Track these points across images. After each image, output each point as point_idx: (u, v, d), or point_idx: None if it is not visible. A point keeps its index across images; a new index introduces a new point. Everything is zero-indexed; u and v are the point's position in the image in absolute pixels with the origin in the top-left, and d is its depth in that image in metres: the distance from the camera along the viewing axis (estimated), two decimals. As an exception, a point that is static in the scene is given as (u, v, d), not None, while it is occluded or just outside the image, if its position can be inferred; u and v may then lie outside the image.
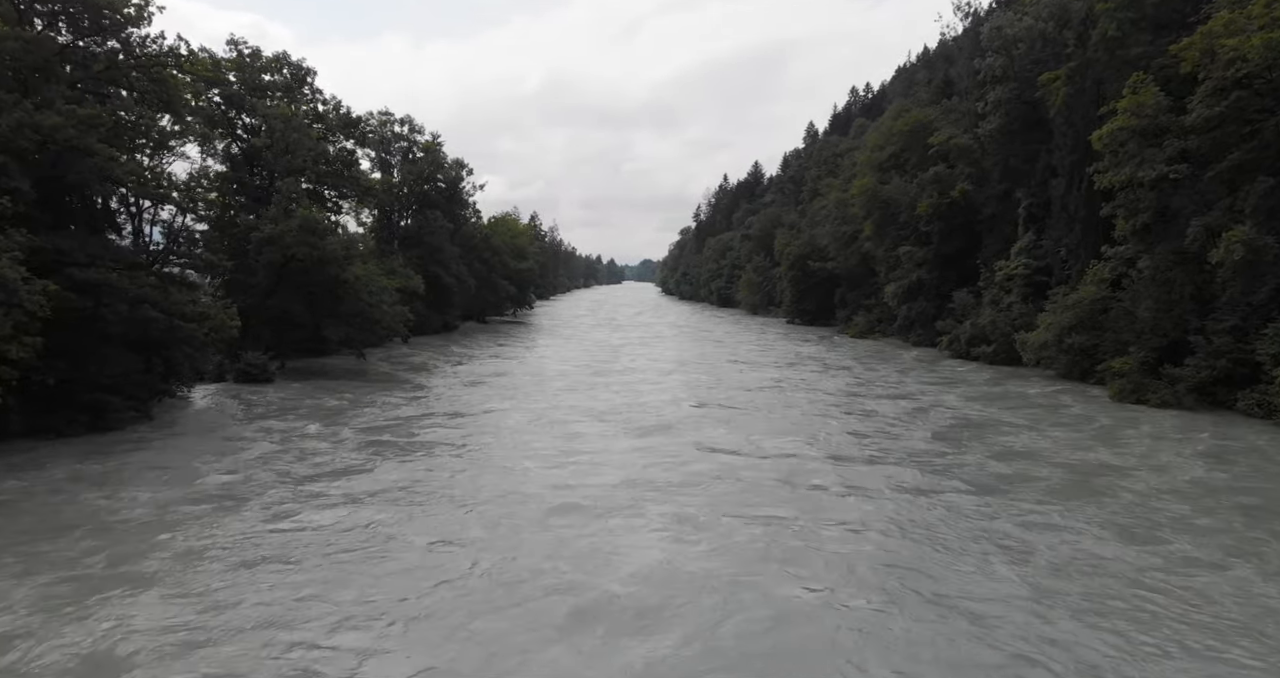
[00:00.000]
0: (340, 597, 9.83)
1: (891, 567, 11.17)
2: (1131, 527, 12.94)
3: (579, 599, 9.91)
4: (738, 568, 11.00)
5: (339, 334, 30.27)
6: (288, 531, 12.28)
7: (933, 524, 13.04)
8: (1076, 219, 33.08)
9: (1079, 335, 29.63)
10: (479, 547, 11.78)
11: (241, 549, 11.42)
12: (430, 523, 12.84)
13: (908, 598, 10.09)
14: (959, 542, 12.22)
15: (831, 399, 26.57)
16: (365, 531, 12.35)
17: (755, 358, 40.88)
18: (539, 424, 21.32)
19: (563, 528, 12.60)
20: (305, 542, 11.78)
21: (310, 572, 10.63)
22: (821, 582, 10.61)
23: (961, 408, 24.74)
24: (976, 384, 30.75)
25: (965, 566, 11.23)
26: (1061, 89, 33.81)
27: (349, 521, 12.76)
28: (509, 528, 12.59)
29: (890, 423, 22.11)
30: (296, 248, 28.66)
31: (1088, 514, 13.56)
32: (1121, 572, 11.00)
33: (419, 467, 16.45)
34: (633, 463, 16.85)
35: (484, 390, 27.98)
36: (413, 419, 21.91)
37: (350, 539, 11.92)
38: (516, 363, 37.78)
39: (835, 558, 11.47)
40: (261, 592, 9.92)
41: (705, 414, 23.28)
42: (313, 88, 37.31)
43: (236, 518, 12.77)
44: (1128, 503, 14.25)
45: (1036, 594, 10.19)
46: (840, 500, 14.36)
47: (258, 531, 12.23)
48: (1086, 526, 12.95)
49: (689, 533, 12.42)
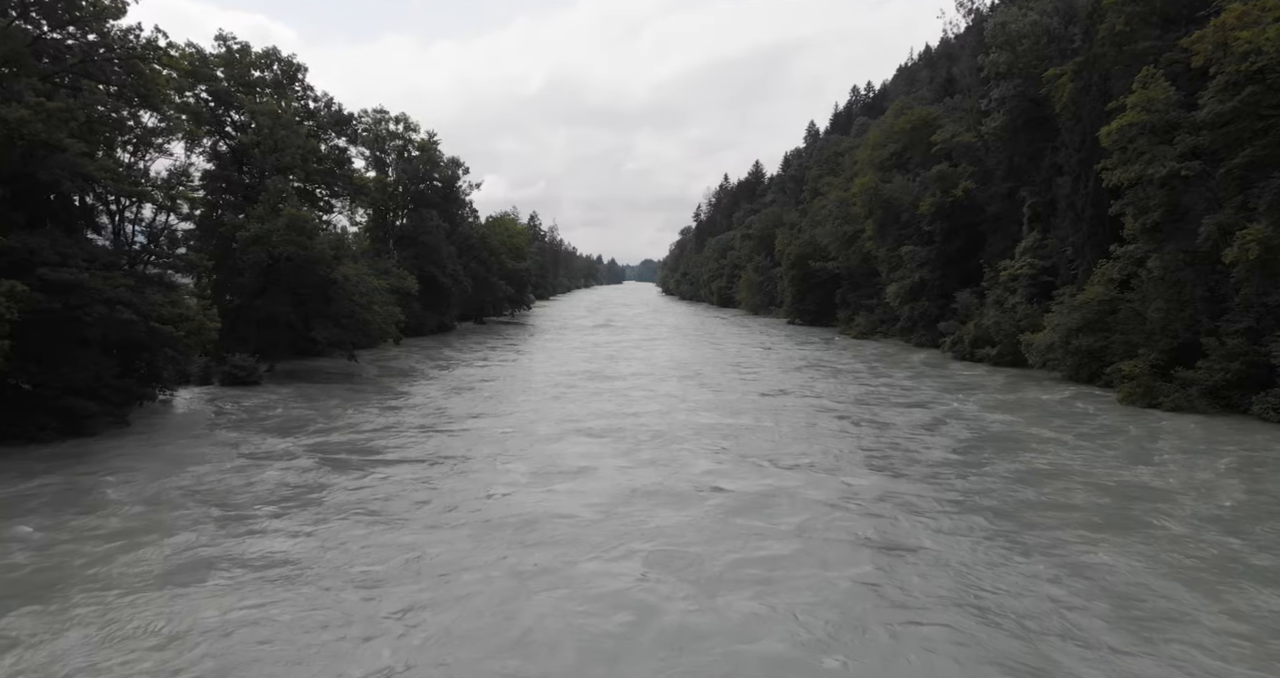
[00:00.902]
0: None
1: (931, 653, 8.74)
2: (1195, 571, 11.08)
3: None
4: (732, 637, 8.99)
5: (328, 335, 29.58)
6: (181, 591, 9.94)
7: (965, 573, 10.93)
8: (1083, 218, 32.34)
9: (1086, 337, 28.90)
10: (420, 608, 9.58)
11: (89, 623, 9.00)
12: (364, 573, 10.63)
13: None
14: (997, 603, 9.97)
15: (842, 410, 24.50)
16: (278, 594, 9.97)
17: (758, 362, 39.16)
18: (520, 441, 19.23)
19: (529, 578, 10.52)
20: (198, 596, 9.75)
21: (192, 648, 8.49)
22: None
23: (979, 418, 23.02)
24: (991, 390, 29.27)
25: (1015, 648, 8.85)
26: (1067, 85, 33.07)
27: (264, 572, 10.59)
28: (461, 583, 10.42)
29: (907, 437, 20.13)
30: (283, 247, 27.98)
31: (1139, 553, 11.72)
32: (1205, 641, 8.97)
33: (371, 495, 14.24)
34: (618, 490, 14.71)
35: (468, 399, 26.17)
36: (382, 433, 19.95)
37: (244, 615, 9.31)
38: (508, 368, 36.15)
39: (865, 641, 9.02)
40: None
41: (705, 428, 21.08)
42: (304, 84, 36.67)
43: (133, 557, 11.08)
44: (1177, 537, 12.49)
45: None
46: (855, 551, 11.83)
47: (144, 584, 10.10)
48: (1144, 570, 11.07)
49: (677, 594, 10.15)
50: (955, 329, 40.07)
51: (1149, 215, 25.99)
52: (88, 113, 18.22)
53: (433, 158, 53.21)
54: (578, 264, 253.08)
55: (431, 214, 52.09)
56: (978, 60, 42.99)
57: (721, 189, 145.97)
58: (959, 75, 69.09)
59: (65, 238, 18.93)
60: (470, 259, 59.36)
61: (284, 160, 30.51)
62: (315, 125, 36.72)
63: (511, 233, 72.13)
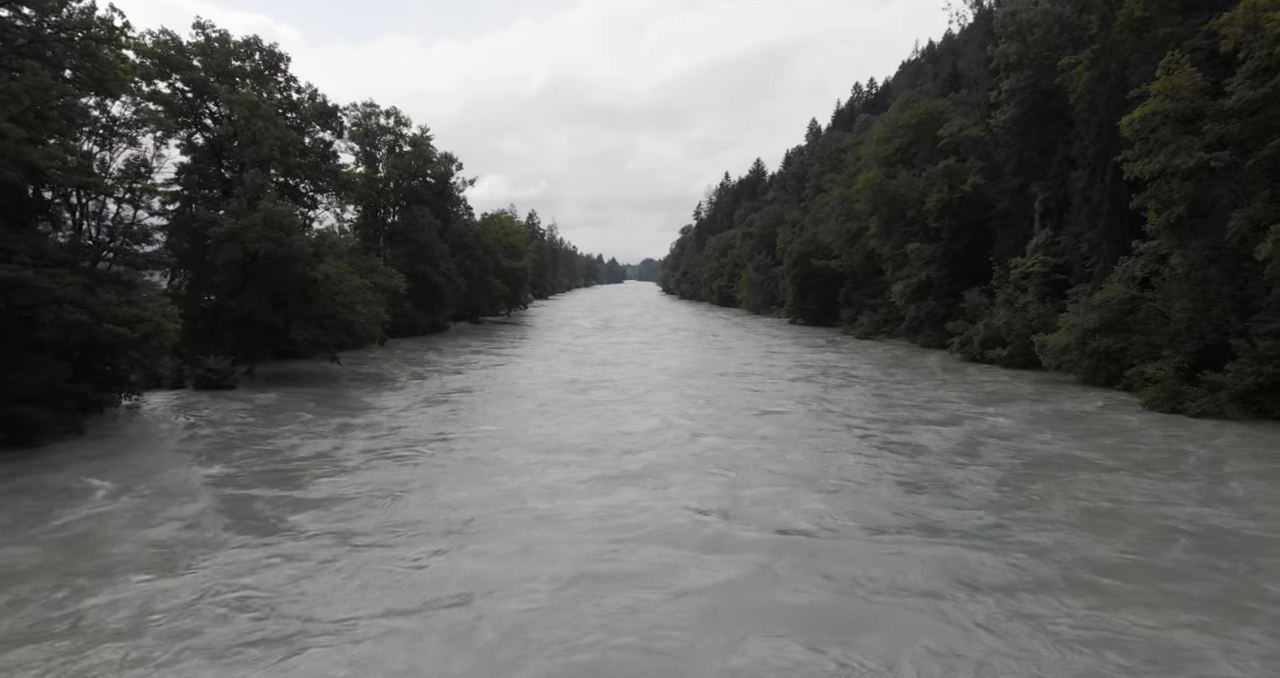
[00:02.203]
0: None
1: None
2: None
3: None
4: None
5: (307, 337, 28.16)
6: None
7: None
8: (1100, 213, 30.88)
9: (1104, 338, 27.45)
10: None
11: None
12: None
13: None
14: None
15: (863, 428, 21.42)
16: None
17: (763, 368, 36.05)
18: (478, 474, 16.04)
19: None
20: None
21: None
22: None
23: (1018, 436, 20.15)
24: (1022, 399, 26.37)
25: None
26: (1083, 74, 31.62)
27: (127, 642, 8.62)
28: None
29: (944, 465, 17.11)
30: (260, 244, 26.58)
31: (1256, 651, 8.68)
32: None
33: (253, 565, 10.95)
34: (578, 559, 11.35)
35: (437, 414, 23.18)
36: (323, 460, 16.99)
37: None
38: (492, 374, 33.42)
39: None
40: None
41: (705, 453, 18.06)
42: (287, 75, 35.28)
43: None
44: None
45: None
46: (899, 641, 8.97)
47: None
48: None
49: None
50: (964, 329, 38.60)
51: (1173, 209, 24.51)
52: (33, 97, 16.81)
53: (424, 153, 51.77)
54: (578, 263, 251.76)
55: (424, 211, 50.68)
56: (986, 51, 41.52)
57: (722, 187, 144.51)
58: (965, 69, 67.73)
59: (10, 233, 17.53)
60: (464, 258, 57.95)
61: (262, 153, 29.08)
62: (299, 118, 35.33)
63: (508, 231, 70.68)
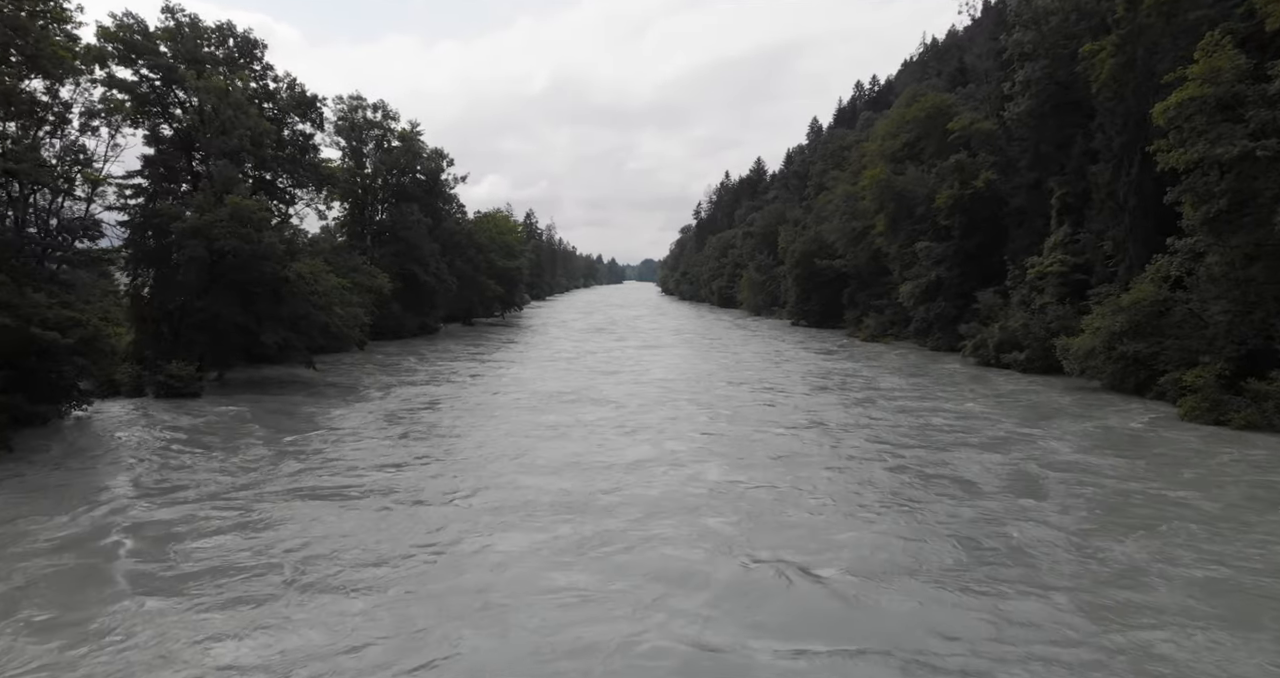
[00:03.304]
0: None
1: None
2: None
3: None
4: None
5: (278, 340, 26.26)
6: None
7: None
8: (1125, 208, 29.03)
9: (1134, 342, 25.58)
10: None
11: None
12: None
13: None
14: None
15: (896, 454, 18.10)
16: None
17: (772, 377, 32.72)
18: (416, 530, 12.36)
19: None
20: None
21: None
22: None
23: (1078, 466, 16.77)
24: (1063, 414, 23.31)
25: None
26: (1107, 62, 29.72)
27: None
28: None
29: (1004, 511, 13.65)
30: (226, 240, 24.70)
31: None
32: None
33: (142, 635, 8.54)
34: (548, 631, 8.92)
35: (394, 435, 19.92)
36: (243, 497, 13.90)
37: None
38: (472, 384, 29.92)
39: None
40: None
41: (708, 499, 14.35)
42: (263, 63, 33.39)
43: None
44: None
45: None
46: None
47: None
48: None
49: None
50: (978, 332, 36.71)
51: (1212, 203, 22.62)
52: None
53: (414, 149, 49.89)
54: (577, 264, 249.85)
55: (413, 208, 48.79)
56: (1000, 39, 39.65)
57: (723, 186, 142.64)
58: (972, 64, 66.01)
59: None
60: (456, 257, 56.07)
61: (231, 143, 27.19)
62: (275, 108, 33.45)
63: (502, 230, 68.78)
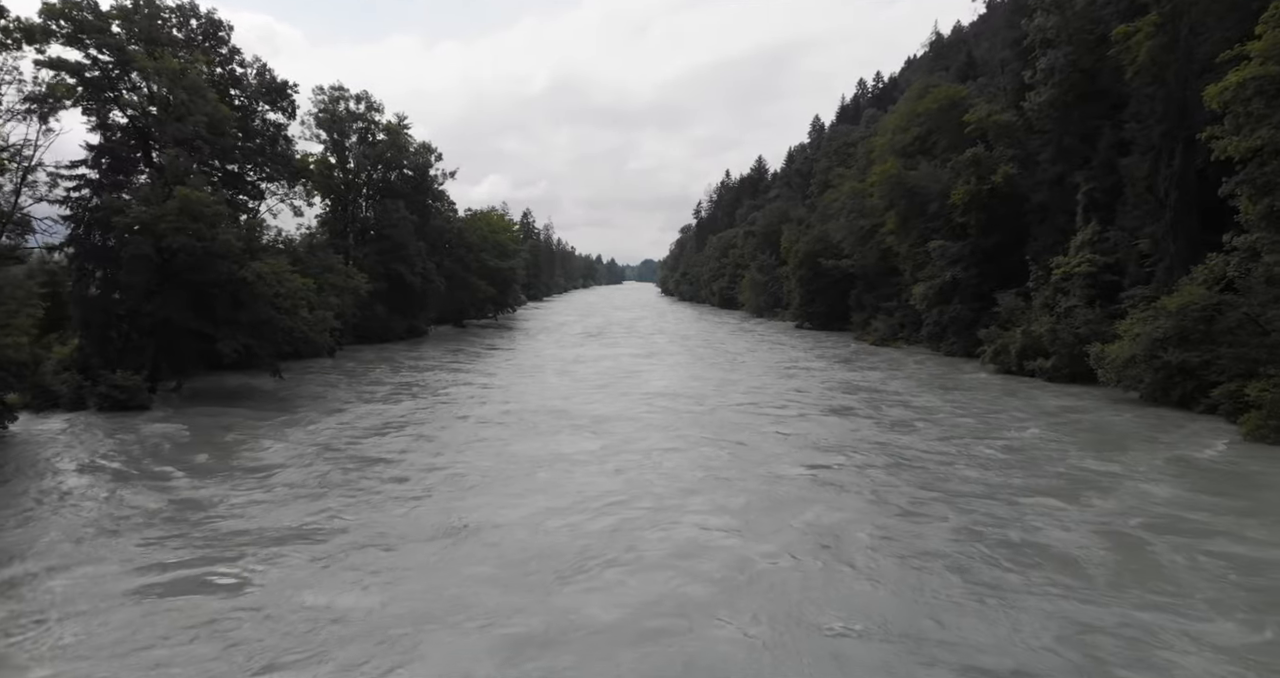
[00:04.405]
0: None
1: None
2: None
3: None
4: None
5: (236, 346, 23.81)
6: None
7: None
8: (1166, 203, 26.62)
9: (1180, 350, 23.16)
10: None
11: None
12: None
13: None
14: None
15: (952, 504, 14.07)
16: None
17: (790, 395, 27.63)
18: (295, 651, 8.49)
19: None
20: None
21: None
22: None
23: (1195, 527, 12.76)
24: (1134, 440, 19.56)
25: None
26: (1144, 43, 27.32)
27: None
28: None
29: (1132, 614, 9.52)
30: (174, 236, 22.26)
31: None
32: None
33: None
34: None
35: (326, 471, 15.95)
36: (99, 563, 10.83)
37: None
38: (441, 400, 25.85)
39: None
40: None
41: (720, 588, 10.33)
42: (230, 47, 30.98)
43: None
44: None
45: None
46: None
47: None
48: None
49: None
50: (998, 337, 34.25)
51: (1275, 196, 20.22)
52: None
53: (400, 142, 47.41)
54: (576, 264, 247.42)
55: (398, 205, 46.31)
56: (1021, 25, 37.20)
57: (723, 185, 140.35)
58: (981, 57, 63.67)
59: None
60: (445, 256, 53.63)
61: (185, 131, 24.74)
62: (243, 95, 31.01)
63: (494, 228, 66.29)
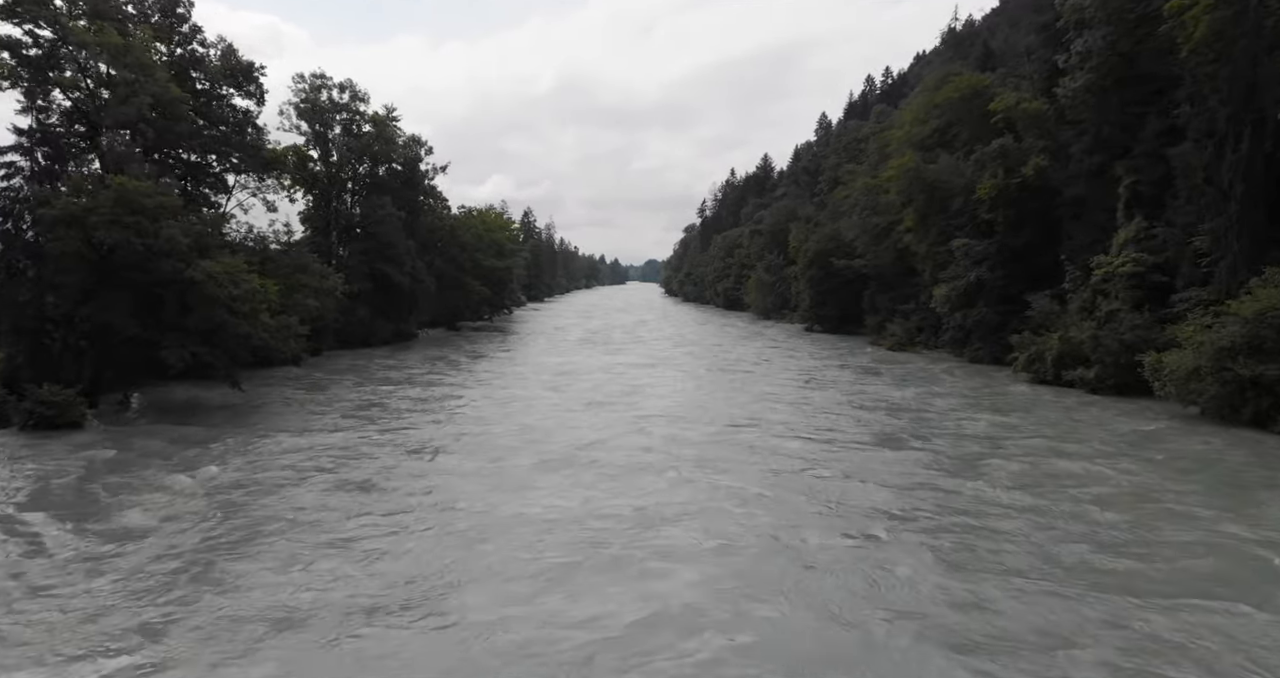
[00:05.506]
0: None
1: None
2: None
3: None
4: None
5: (183, 356, 21.09)
6: None
7: None
8: (1230, 196, 23.77)
9: (1254, 362, 20.36)
10: None
11: None
12: None
13: None
14: None
15: (1069, 607, 9.97)
16: None
17: (815, 416, 23.53)
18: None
19: None
20: None
21: None
22: None
23: None
24: (1253, 489, 15.54)
25: None
26: (1203, 18, 24.51)
27: None
28: None
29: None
30: (109, 231, 19.57)
31: None
32: None
33: None
34: None
35: (218, 531, 12.46)
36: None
37: None
38: (401, 423, 21.69)
39: None
40: None
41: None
42: (191, 26, 28.30)
43: None
44: None
45: None
46: None
47: None
48: None
49: None
50: (1031, 343, 31.38)
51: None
52: None
53: (387, 135, 44.69)
54: (578, 264, 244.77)
55: (385, 201, 43.60)
56: (1056, 4, 34.35)
57: (728, 184, 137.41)
58: (999, 49, 60.92)
59: None
60: (436, 255, 50.93)
61: (129, 113, 22.06)
62: (205, 77, 28.32)
63: (490, 227, 63.55)
